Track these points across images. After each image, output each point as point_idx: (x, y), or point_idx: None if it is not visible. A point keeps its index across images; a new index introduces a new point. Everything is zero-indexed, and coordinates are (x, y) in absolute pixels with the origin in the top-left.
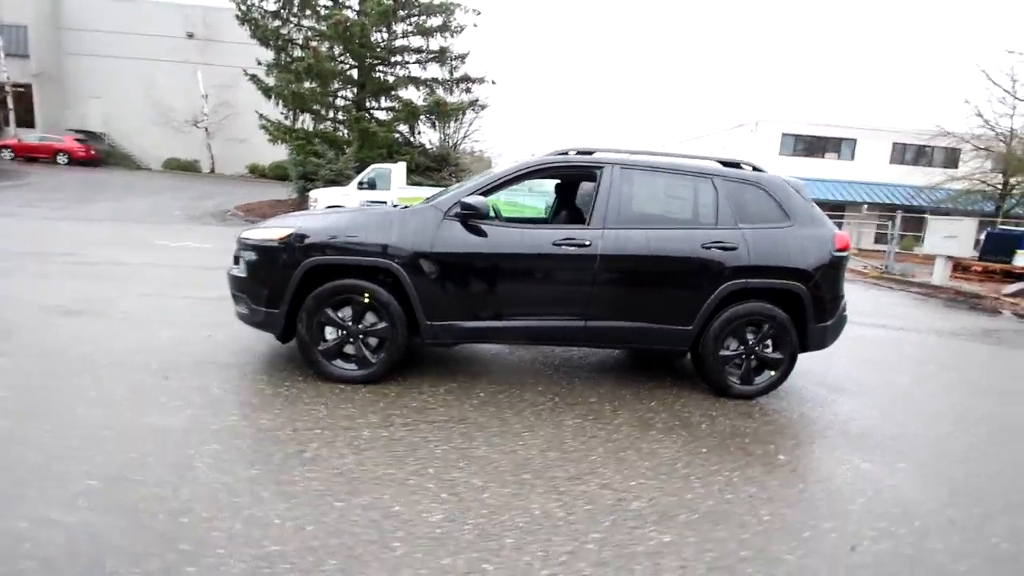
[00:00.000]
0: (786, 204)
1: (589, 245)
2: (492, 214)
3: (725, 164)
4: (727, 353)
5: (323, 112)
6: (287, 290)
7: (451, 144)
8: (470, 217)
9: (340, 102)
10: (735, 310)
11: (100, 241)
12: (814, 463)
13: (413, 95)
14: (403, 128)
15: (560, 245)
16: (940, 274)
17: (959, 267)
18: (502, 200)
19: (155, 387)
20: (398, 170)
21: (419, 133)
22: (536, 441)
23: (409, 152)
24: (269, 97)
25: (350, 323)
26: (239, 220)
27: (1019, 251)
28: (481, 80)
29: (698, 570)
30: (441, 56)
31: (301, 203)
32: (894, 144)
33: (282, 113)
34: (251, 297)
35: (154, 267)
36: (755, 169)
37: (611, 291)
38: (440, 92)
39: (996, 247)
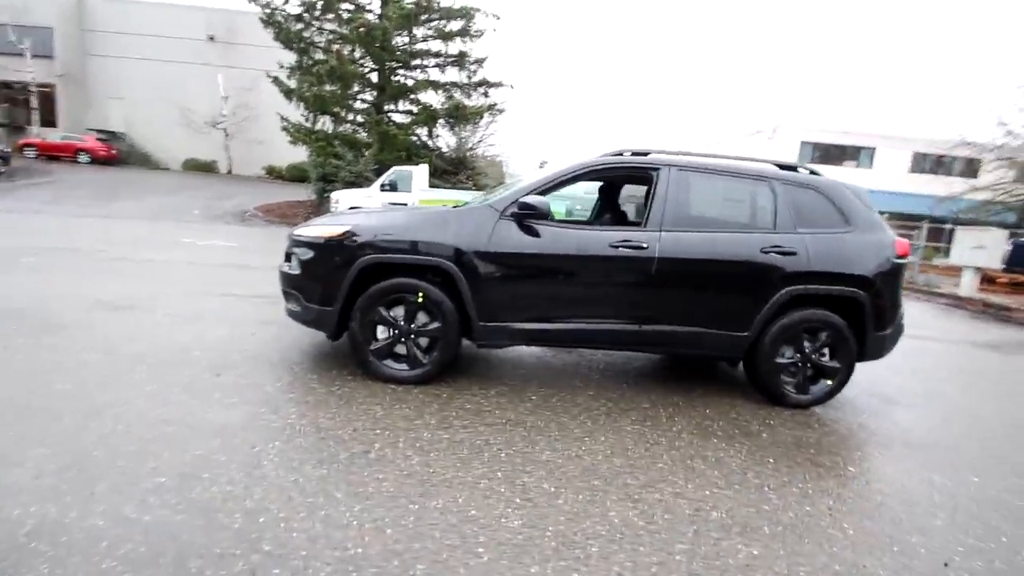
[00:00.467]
0: (846, 209)
1: (646, 248)
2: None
3: (781, 167)
4: (783, 361)
5: (343, 114)
6: (341, 288)
7: (468, 148)
8: (528, 217)
9: (360, 105)
10: (793, 317)
11: (128, 239)
12: (886, 475)
13: (432, 98)
14: (421, 131)
15: (617, 247)
16: (968, 285)
17: (985, 279)
18: None
19: (209, 384)
20: (420, 172)
21: (436, 136)
22: (598, 447)
23: (427, 155)
24: (290, 99)
25: (402, 322)
26: (259, 220)
27: None
28: (499, 84)
29: None
30: (460, 60)
31: (320, 204)
32: (914, 154)
33: (303, 115)
34: (304, 295)
35: (188, 265)
36: (812, 173)
37: (667, 294)
38: (459, 96)
39: (1022, 258)
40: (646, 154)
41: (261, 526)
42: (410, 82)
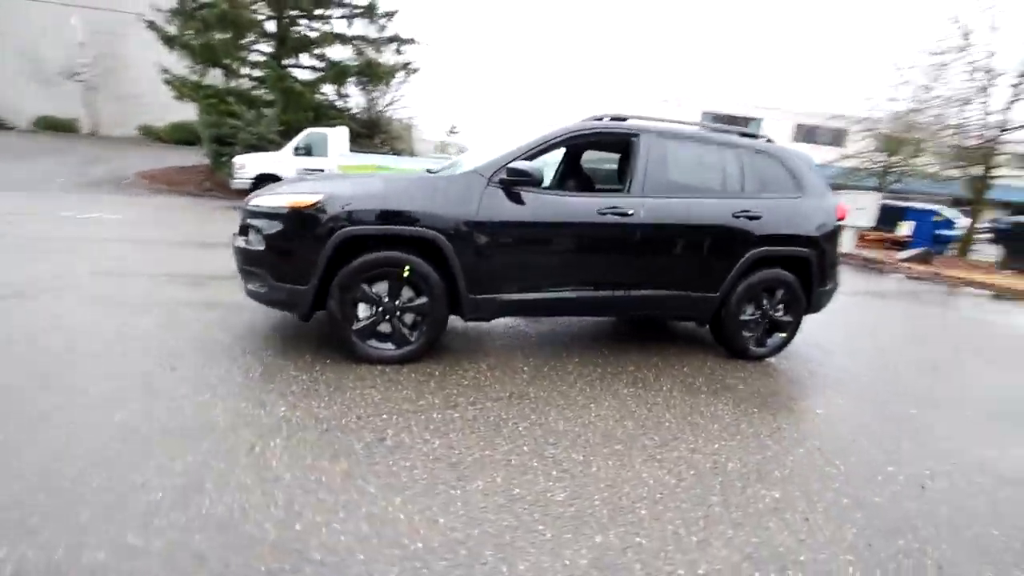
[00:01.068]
0: (799, 175)
1: (631, 214)
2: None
3: (743, 135)
4: (745, 318)
5: (236, 67)
6: (317, 264)
7: (379, 109)
8: (517, 184)
9: (257, 57)
10: (756, 277)
11: None
12: (849, 415)
13: (339, 53)
14: (329, 90)
15: (605, 214)
16: (849, 243)
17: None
18: None
19: (168, 379)
20: (337, 135)
21: (346, 96)
22: (605, 412)
23: (338, 116)
24: (172, 48)
25: (387, 299)
26: (142, 189)
27: (901, 222)
28: (412, 41)
29: (818, 520)
30: (369, 12)
31: (217, 171)
32: (795, 124)
33: (188, 67)
34: (272, 272)
35: (82, 242)
36: (768, 141)
37: (651, 260)
38: (370, 52)
39: (883, 218)
40: (624, 119)
41: (300, 534)
42: (314, 34)
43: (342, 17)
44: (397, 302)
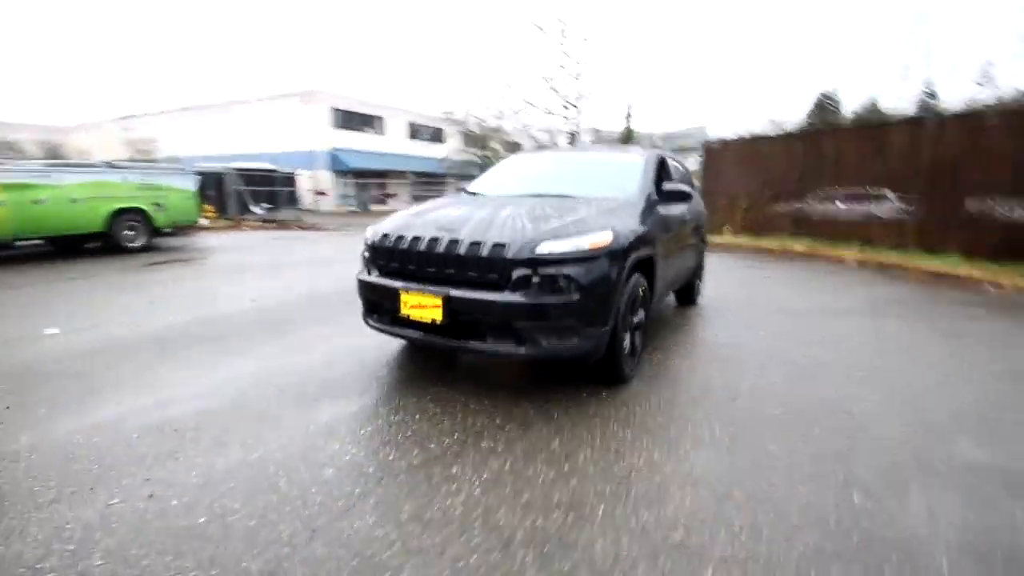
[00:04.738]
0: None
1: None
2: None
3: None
4: None
5: None
6: (615, 299)
7: None
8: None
9: None
10: None
11: None
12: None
13: None
14: None
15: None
16: None
17: None
18: None
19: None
20: None
21: None
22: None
23: None
24: None
25: (635, 319)
26: None
27: None
28: None
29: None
30: None
31: None
32: (409, 123)
33: None
34: (587, 320)
35: None
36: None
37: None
38: None
39: None
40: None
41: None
42: None
43: None
44: (636, 319)
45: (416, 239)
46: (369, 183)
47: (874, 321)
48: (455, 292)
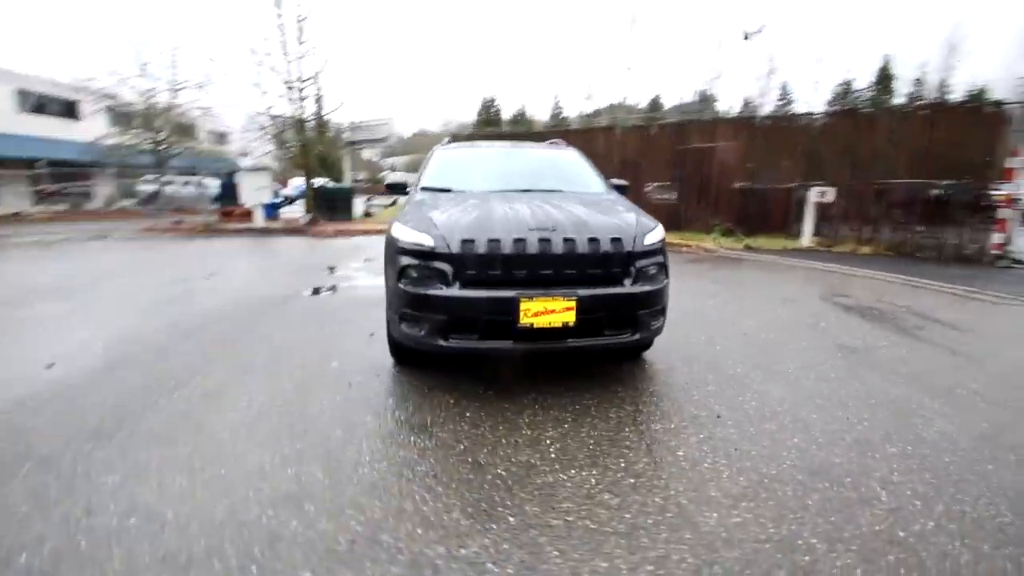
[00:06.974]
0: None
1: None
2: None
3: None
4: None
5: None
6: None
7: None
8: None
9: None
10: None
11: None
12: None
13: None
14: None
15: None
16: (260, 219)
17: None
18: None
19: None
20: None
21: None
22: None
23: None
24: None
25: None
26: None
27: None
28: None
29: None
30: None
31: None
32: (19, 90)
33: None
34: (667, 301)
35: None
36: None
37: None
38: None
39: (225, 193)
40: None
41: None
42: None
43: None
44: None
45: (519, 240)
46: None
47: None
48: (583, 292)
